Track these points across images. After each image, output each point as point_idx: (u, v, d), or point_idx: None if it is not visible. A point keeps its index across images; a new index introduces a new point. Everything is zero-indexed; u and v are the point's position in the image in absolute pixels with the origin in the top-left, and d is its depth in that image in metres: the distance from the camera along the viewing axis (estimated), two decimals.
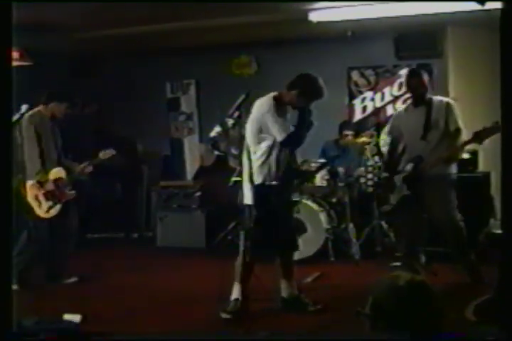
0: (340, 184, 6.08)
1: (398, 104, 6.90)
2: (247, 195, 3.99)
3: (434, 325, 1.93)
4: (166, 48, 7.24)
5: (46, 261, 5.21)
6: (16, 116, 4.15)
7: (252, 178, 3.93)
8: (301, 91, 4.01)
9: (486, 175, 5.76)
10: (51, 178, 4.99)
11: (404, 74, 5.72)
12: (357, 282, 4.85)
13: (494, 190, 5.70)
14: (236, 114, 3.74)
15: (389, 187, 4.82)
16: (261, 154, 4.04)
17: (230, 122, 3.89)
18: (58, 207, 5.00)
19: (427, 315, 1.92)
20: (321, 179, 6.09)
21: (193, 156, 8.01)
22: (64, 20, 5.64)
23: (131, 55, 7.55)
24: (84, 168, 5.22)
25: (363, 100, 7.24)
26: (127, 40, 6.63)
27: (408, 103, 5.13)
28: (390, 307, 1.92)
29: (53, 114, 5.11)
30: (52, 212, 4.98)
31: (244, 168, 4.05)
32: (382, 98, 7.13)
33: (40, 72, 6.49)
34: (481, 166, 5.88)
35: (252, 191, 3.90)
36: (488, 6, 4.27)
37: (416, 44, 6.74)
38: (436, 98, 4.82)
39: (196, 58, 7.46)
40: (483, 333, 2.73)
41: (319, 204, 6.03)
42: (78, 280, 5.23)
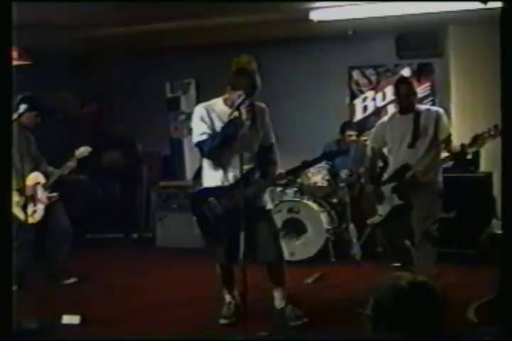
0: (341, 184, 6.06)
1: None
2: None
3: (436, 326, 1.91)
4: (166, 48, 7.23)
5: (45, 262, 5.21)
6: (14, 116, 4.14)
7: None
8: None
9: (488, 175, 5.74)
10: (29, 184, 4.98)
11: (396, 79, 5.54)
12: (358, 282, 4.84)
13: (496, 191, 5.69)
14: (236, 114, 3.71)
15: (377, 198, 4.62)
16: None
17: None
18: (41, 211, 5.04)
19: (429, 315, 1.91)
20: (321, 179, 6.08)
21: (193, 156, 7.98)
22: (64, 20, 5.62)
23: (131, 55, 7.53)
24: (64, 169, 5.14)
25: (364, 100, 7.22)
26: (127, 39, 6.62)
27: (394, 111, 4.81)
28: (392, 307, 1.91)
29: (24, 122, 4.92)
30: (37, 216, 5.02)
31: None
32: (384, 97, 7.11)
33: (40, 71, 6.47)
34: (483, 166, 5.86)
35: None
36: (490, 4, 4.26)
37: (417, 43, 6.71)
38: (425, 106, 4.70)
39: (196, 58, 7.44)
40: (482, 333, 2.71)
41: (320, 205, 6.02)
42: (78, 281, 5.23)
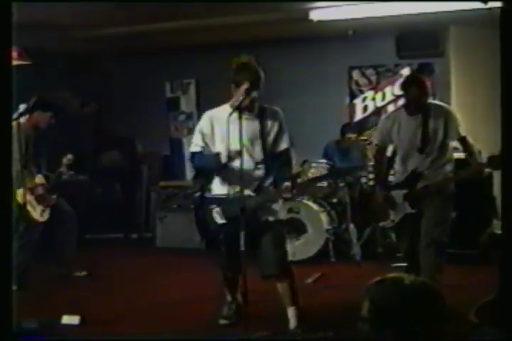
0: (341, 184, 6.06)
1: (400, 103, 6.87)
2: None
3: (436, 327, 1.91)
4: (166, 48, 7.23)
5: (55, 254, 5.29)
6: (14, 116, 4.14)
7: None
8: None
9: (489, 176, 5.73)
10: (38, 183, 5.02)
11: (403, 77, 5.44)
12: (358, 283, 4.81)
13: (496, 191, 5.68)
14: (236, 114, 3.70)
15: (389, 203, 4.38)
16: None
17: None
18: (48, 210, 5.08)
19: (429, 316, 1.90)
20: None
21: None
22: (64, 20, 5.62)
23: (131, 55, 7.53)
24: (60, 176, 5.17)
25: (364, 99, 7.22)
26: (127, 39, 6.61)
27: (401, 109, 4.39)
28: (391, 308, 1.90)
29: (36, 122, 4.96)
30: (45, 215, 5.05)
31: None
32: (384, 97, 7.11)
33: (40, 71, 6.47)
34: None
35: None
36: (491, 4, 4.26)
37: (417, 43, 6.71)
38: (434, 104, 4.36)
39: (196, 58, 7.44)
40: (483, 333, 2.71)
41: (320, 205, 6.01)
42: (88, 275, 5.34)
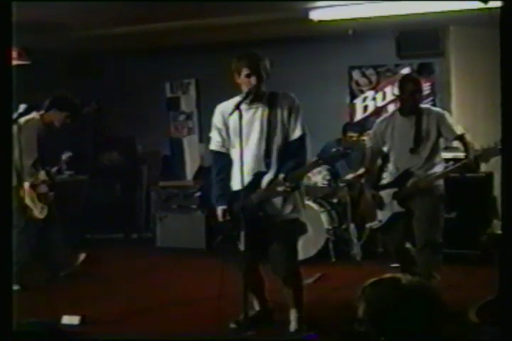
0: (341, 184, 6.05)
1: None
2: None
3: (437, 327, 1.90)
4: (166, 47, 7.22)
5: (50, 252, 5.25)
6: (14, 116, 4.13)
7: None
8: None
9: (489, 176, 5.73)
10: (42, 180, 5.02)
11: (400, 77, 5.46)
12: (358, 283, 4.80)
13: (497, 191, 5.67)
14: (236, 114, 3.69)
15: (377, 203, 4.47)
16: None
17: None
18: (47, 208, 5.08)
19: (427, 316, 1.89)
20: (322, 179, 6.07)
21: (193, 156, 7.98)
22: (64, 19, 5.61)
23: (131, 55, 7.52)
24: (59, 173, 5.27)
25: (364, 99, 7.21)
26: (127, 39, 6.61)
27: (394, 110, 4.63)
28: (389, 309, 1.89)
29: (51, 121, 4.99)
30: (44, 212, 5.05)
31: None
32: (384, 97, 7.10)
33: (40, 71, 6.47)
34: (484, 166, 5.84)
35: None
36: (491, 4, 4.24)
37: (418, 43, 6.70)
38: (425, 106, 4.53)
39: (196, 58, 7.43)
40: (483, 334, 2.71)
41: (320, 205, 6.01)
42: (86, 256, 5.41)
